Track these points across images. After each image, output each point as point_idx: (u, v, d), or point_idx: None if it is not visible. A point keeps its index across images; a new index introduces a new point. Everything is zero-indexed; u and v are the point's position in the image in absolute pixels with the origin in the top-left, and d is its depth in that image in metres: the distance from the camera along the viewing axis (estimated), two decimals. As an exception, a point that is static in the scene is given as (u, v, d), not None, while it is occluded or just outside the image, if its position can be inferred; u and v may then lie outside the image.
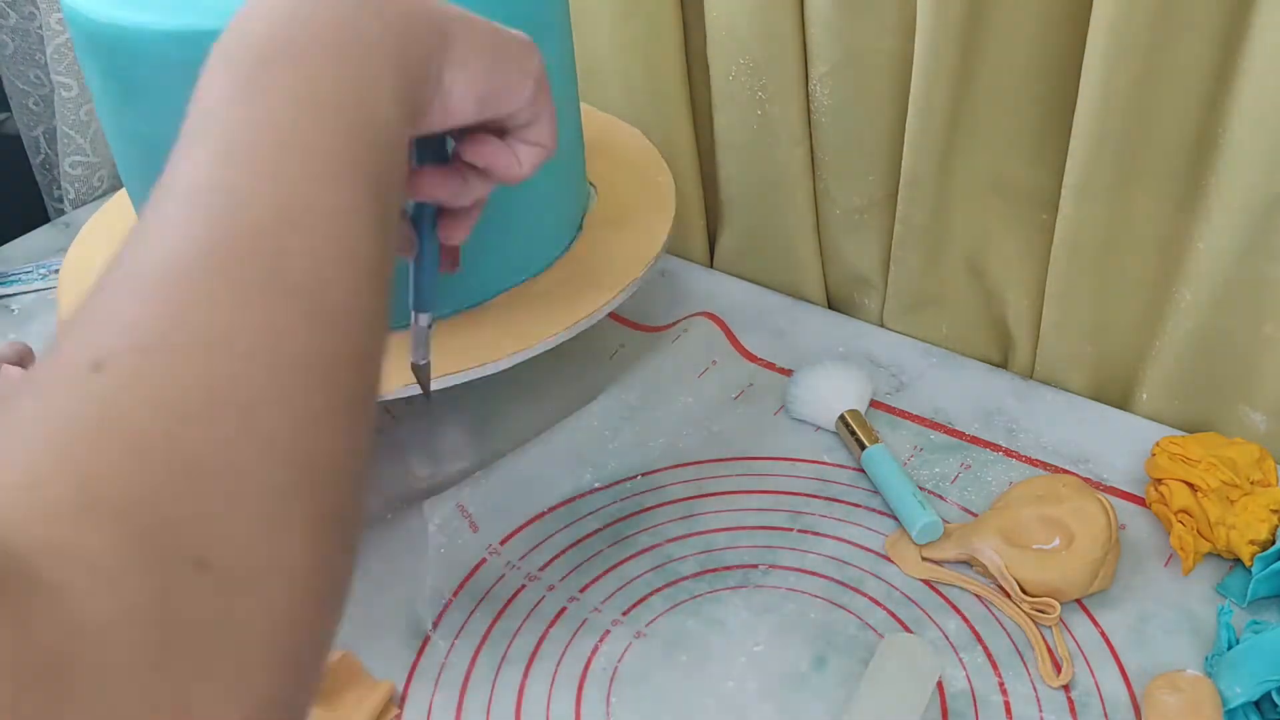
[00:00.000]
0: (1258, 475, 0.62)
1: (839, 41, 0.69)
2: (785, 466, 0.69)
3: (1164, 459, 0.63)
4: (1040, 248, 0.71)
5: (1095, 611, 0.59)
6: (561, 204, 0.67)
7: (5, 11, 1.05)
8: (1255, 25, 0.56)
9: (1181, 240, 0.65)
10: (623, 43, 0.79)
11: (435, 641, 0.60)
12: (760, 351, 0.78)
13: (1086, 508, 0.60)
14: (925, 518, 0.62)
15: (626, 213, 0.70)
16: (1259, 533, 0.59)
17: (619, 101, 0.81)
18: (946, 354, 0.78)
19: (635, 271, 0.64)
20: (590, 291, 0.63)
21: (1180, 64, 0.58)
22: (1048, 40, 0.64)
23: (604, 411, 0.71)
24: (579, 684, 0.58)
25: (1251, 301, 0.63)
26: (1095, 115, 0.60)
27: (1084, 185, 0.63)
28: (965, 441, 0.70)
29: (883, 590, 0.61)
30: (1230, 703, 0.53)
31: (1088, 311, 0.69)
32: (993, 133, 0.69)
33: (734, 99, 0.77)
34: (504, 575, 0.63)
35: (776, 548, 0.64)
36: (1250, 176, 0.59)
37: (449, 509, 0.65)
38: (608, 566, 0.63)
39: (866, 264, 0.79)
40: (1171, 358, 0.68)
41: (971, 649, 0.58)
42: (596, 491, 0.68)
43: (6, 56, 1.07)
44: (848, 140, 0.74)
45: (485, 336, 0.60)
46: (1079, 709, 0.55)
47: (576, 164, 0.68)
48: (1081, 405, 0.72)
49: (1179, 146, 0.62)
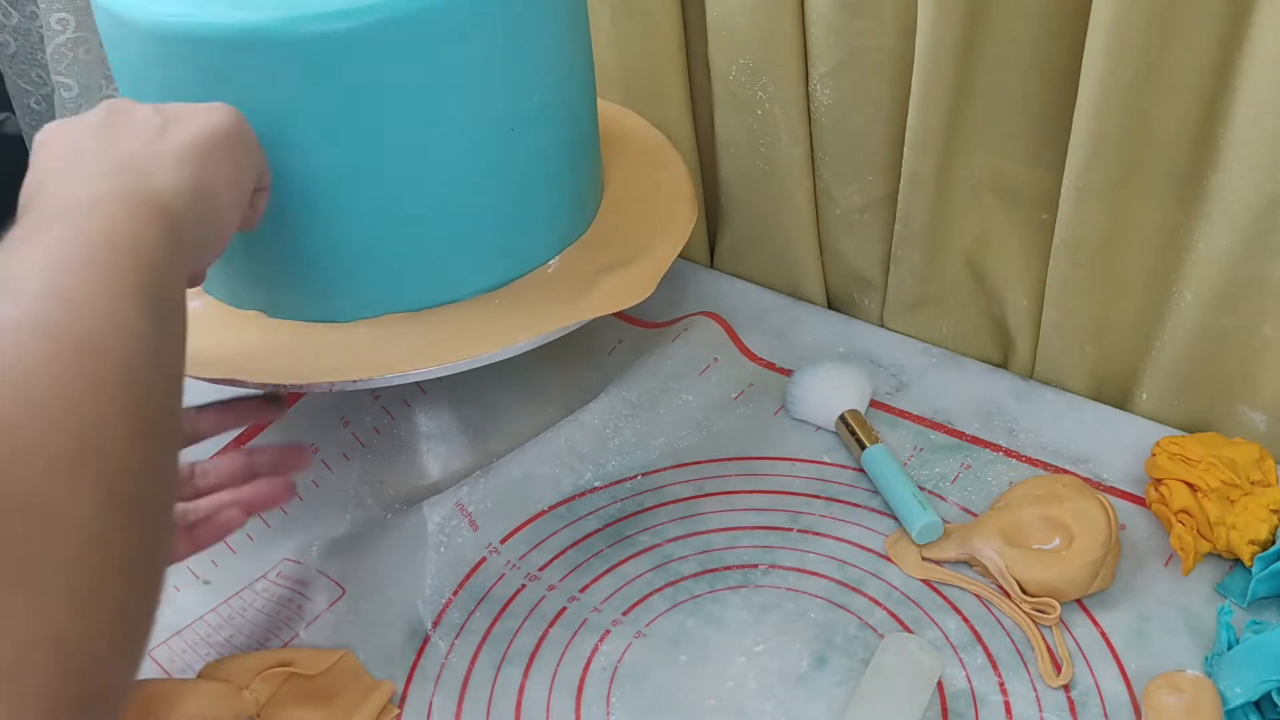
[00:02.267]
0: (1258, 475, 0.62)
1: (839, 41, 0.69)
2: (785, 466, 0.69)
3: (1164, 459, 0.63)
4: (1040, 247, 0.71)
5: (1095, 611, 0.59)
6: (586, 185, 0.67)
7: (7, 11, 1.05)
8: (1255, 25, 0.55)
9: (1181, 240, 0.65)
10: (623, 42, 0.79)
11: (435, 641, 0.60)
12: (760, 351, 0.78)
13: (1086, 508, 0.60)
14: (925, 518, 0.62)
15: (641, 200, 0.70)
16: (1259, 533, 0.59)
17: (619, 100, 0.81)
18: (946, 354, 0.78)
19: (669, 253, 0.65)
20: (624, 268, 0.64)
21: (1180, 64, 0.58)
22: (1047, 40, 0.64)
23: (605, 410, 0.71)
24: (579, 684, 0.58)
25: (1251, 301, 0.63)
26: (1095, 115, 0.60)
27: (1084, 185, 0.63)
28: (965, 441, 0.70)
29: (883, 590, 0.61)
30: (1230, 703, 0.53)
31: (1088, 311, 0.69)
32: (993, 133, 0.69)
33: (734, 99, 0.77)
34: (504, 575, 0.63)
35: (776, 548, 0.64)
36: (1250, 176, 0.59)
37: (448, 508, 0.65)
38: (608, 566, 0.63)
39: (866, 264, 0.79)
40: (1171, 358, 0.68)
41: (971, 649, 0.58)
42: (596, 491, 0.68)
43: (8, 56, 1.07)
44: (848, 140, 0.74)
45: (484, 327, 0.61)
46: (1079, 709, 0.55)
47: (592, 158, 0.69)
48: (1081, 405, 0.72)
49: (1179, 146, 0.62)
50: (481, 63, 0.56)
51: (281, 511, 0.67)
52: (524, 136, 0.60)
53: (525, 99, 0.59)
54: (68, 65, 0.97)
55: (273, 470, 0.58)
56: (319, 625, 0.61)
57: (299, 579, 0.63)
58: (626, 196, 0.71)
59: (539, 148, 0.61)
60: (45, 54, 0.98)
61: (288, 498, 0.58)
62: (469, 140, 0.58)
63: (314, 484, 0.69)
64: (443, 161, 0.58)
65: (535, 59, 0.59)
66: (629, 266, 0.65)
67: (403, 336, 0.60)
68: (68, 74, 0.97)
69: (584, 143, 0.67)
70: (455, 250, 0.61)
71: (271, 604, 0.62)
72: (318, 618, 0.61)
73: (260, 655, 0.57)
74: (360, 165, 0.56)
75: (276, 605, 0.62)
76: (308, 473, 0.68)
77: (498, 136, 0.59)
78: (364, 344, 0.60)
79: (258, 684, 0.55)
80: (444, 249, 0.61)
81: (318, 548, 0.65)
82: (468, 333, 0.60)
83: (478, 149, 0.58)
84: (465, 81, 0.56)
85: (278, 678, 0.56)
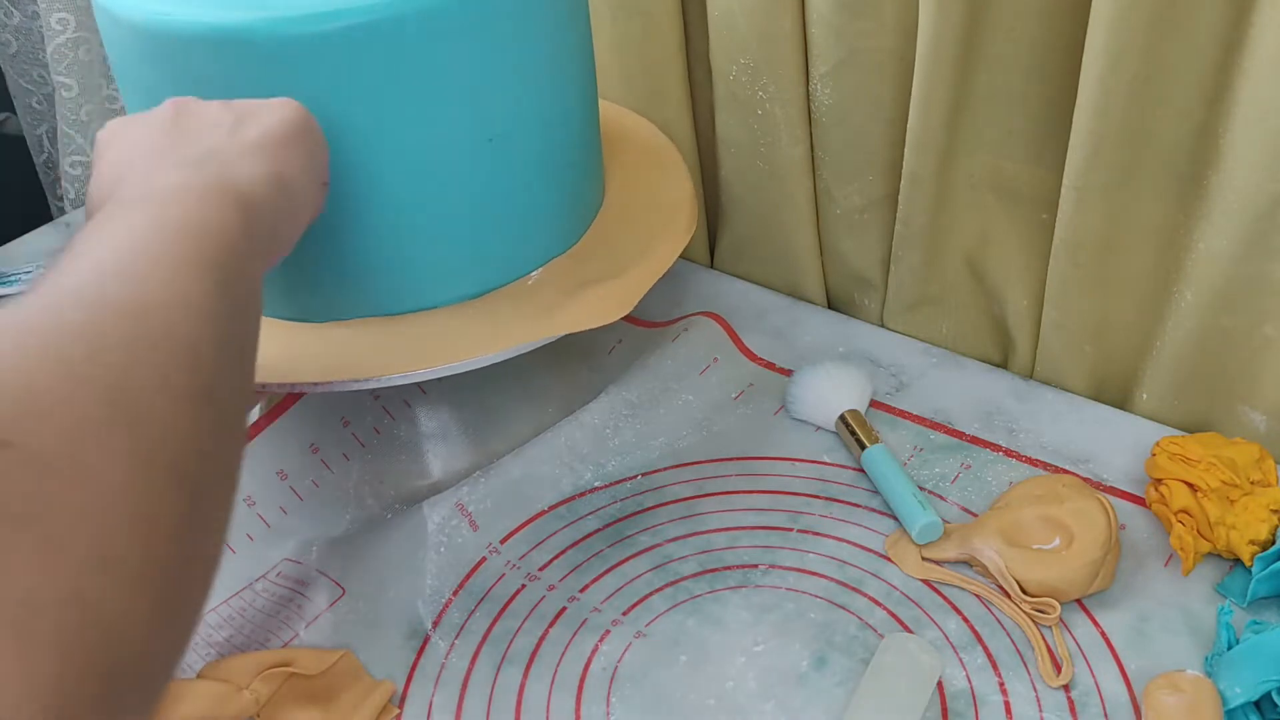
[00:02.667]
0: (1258, 475, 0.62)
1: (839, 41, 0.69)
2: (785, 466, 0.69)
3: (1164, 459, 0.63)
4: (1040, 247, 0.71)
5: (1095, 611, 0.59)
6: (577, 196, 0.67)
7: (9, 11, 1.05)
8: (1255, 25, 0.55)
9: (1181, 240, 0.65)
10: (623, 42, 0.79)
11: (435, 641, 0.60)
12: (760, 351, 0.78)
13: (1086, 508, 0.60)
14: (925, 518, 0.62)
15: (640, 211, 0.70)
16: (1259, 533, 0.59)
17: (619, 100, 0.81)
18: (946, 354, 0.78)
19: (656, 270, 0.64)
20: (606, 284, 0.63)
21: (1180, 63, 0.58)
22: (1048, 40, 0.64)
23: (604, 409, 0.71)
24: (579, 684, 0.58)
25: (1251, 301, 0.63)
26: (1095, 114, 0.60)
27: (1084, 185, 0.63)
28: (965, 441, 0.70)
29: (883, 590, 0.61)
30: (1230, 703, 0.53)
31: (1088, 311, 0.69)
32: (993, 132, 0.69)
33: (734, 99, 0.77)
34: (504, 575, 0.63)
35: (776, 548, 0.64)
36: (1250, 176, 0.59)
37: (448, 507, 0.65)
38: (608, 566, 0.63)
39: (866, 264, 0.79)
40: (1171, 358, 0.68)
41: (971, 649, 0.58)
42: (596, 490, 0.68)
43: (10, 56, 1.07)
44: (848, 140, 0.74)
45: (487, 328, 0.61)
46: (1079, 709, 0.55)
47: (587, 169, 0.68)
48: (1081, 405, 0.72)
49: (1179, 146, 0.62)
50: (466, 70, 0.56)
51: (281, 511, 0.67)
52: (506, 146, 0.59)
53: (509, 109, 0.58)
54: (68, 65, 0.97)
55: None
56: (319, 625, 0.61)
57: (299, 579, 0.63)
58: (627, 204, 0.71)
59: (524, 158, 0.61)
60: (46, 54, 0.98)
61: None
62: (452, 146, 0.57)
63: (314, 484, 0.69)
64: (426, 166, 0.57)
65: (523, 69, 0.59)
66: (611, 281, 0.63)
67: (369, 339, 0.60)
68: (68, 74, 0.97)
69: (575, 155, 0.66)
70: (435, 256, 0.61)
71: (271, 604, 0.62)
72: (318, 618, 0.61)
73: (260, 655, 0.57)
74: (349, 166, 0.56)
75: (276, 605, 0.62)
76: (308, 473, 0.68)
77: (479, 145, 0.58)
78: (337, 346, 0.60)
79: (257, 684, 0.55)
80: (421, 255, 0.60)
81: (318, 548, 0.65)
82: (427, 341, 0.60)
83: (459, 156, 0.58)
84: (449, 87, 0.56)
85: (277, 678, 0.56)
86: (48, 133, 1.11)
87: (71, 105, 0.98)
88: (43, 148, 1.12)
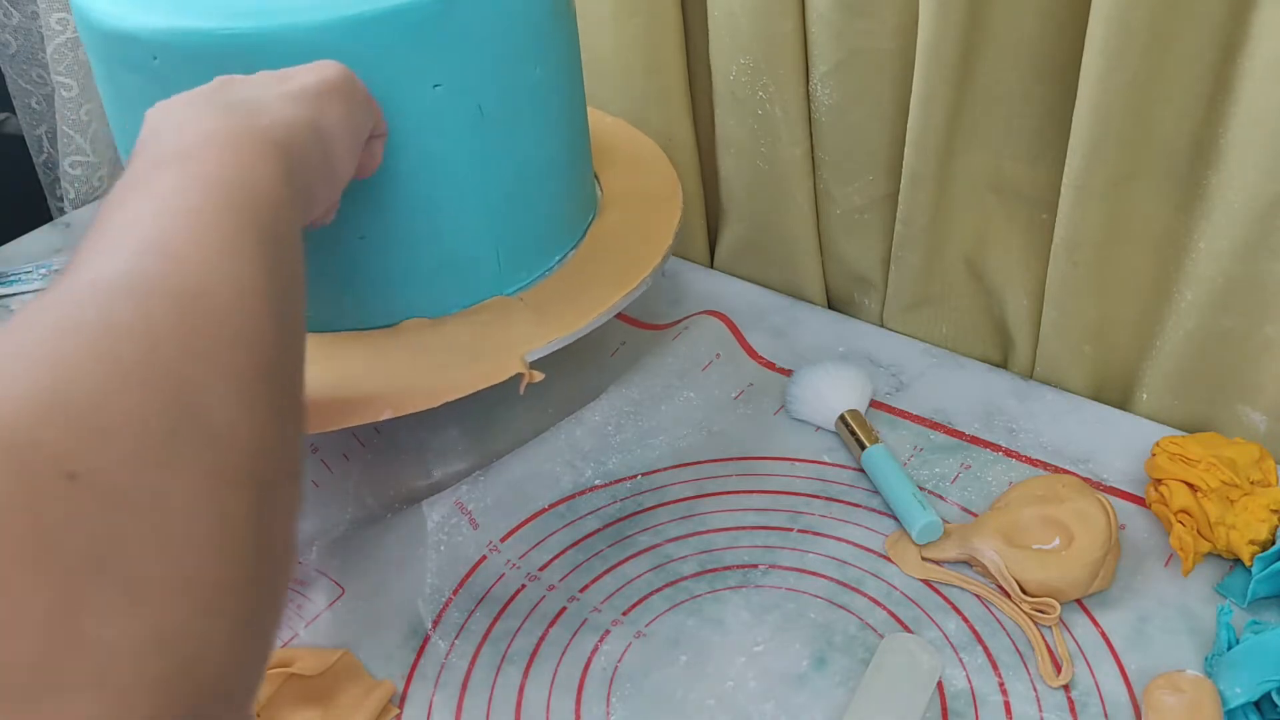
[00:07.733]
0: (1258, 475, 0.62)
1: (840, 41, 0.69)
2: (785, 466, 0.69)
3: (1164, 459, 0.63)
4: (1040, 247, 0.71)
5: (1095, 611, 0.59)
6: (569, 204, 0.67)
7: (8, 11, 1.05)
8: (1255, 25, 0.56)
9: (1181, 240, 0.65)
10: (623, 42, 0.79)
11: (435, 641, 0.60)
12: (760, 351, 0.78)
13: (1086, 508, 0.60)
14: (925, 518, 0.62)
15: (633, 215, 0.70)
16: (1259, 533, 0.59)
17: (619, 101, 0.81)
18: (946, 354, 0.78)
19: (641, 273, 0.64)
20: (597, 292, 0.63)
21: (1180, 64, 0.58)
22: (1048, 40, 0.64)
23: (606, 407, 0.71)
24: (579, 684, 0.58)
25: (1251, 301, 0.63)
26: (1095, 115, 0.60)
27: (1084, 185, 0.63)
28: (965, 441, 0.70)
29: (883, 590, 0.61)
30: (1230, 703, 0.53)
31: (1088, 311, 0.69)
32: (993, 133, 0.69)
33: (734, 98, 0.77)
34: (504, 574, 0.63)
35: (776, 548, 0.64)
36: (1250, 176, 0.59)
37: (448, 506, 0.65)
38: (608, 566, 0.63)
39: (866, 264, 0.79)
40: (1171, 358, 0.68)
41: (971, 649, 0.58)
42: (596, 489, 0.68)
43: (9, 56, 1.07)
44: (848, 140, 0.74)
45: (480, 350, 0.60)
46: (1079, 709, 0.55)
47: (584, 165, 0.68)
48: (1081, 405, 0.72)
49: (1179, 146, 0.62)
50: (439, 76, 0.55)
51: (281, 511, 0.67)
52: (498, 152, 0.59)
53: (493, 111, 0.58)
54: (68, 65, 0.97)
55: None
56: (318, 625, 0.61)
57: (299, 579, 0.63)
58: (624, 204, 0.71)
59: (520, 163, 0.60)
60: (45, 54, 0.98)
61: None
62: (428, 157, 0.57)
63: (314, 484, 0.69)
64: (397, 177, 0.57)
65: (510, 69, 0.58)
66: (602, 289, 0.63)
67: (361, 361, 0.60)
68: (68, 74, 0.97)
69: (571, 160, 0.65)
70: (426, 267, 0.60)
71: (271, 604, 0.62)
72: (317, 617, 0.61)
73: (260, 655, 0.57)
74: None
75: (276, 605, 0.62)
76: (308, 473, 0.68)
77: (460, 156, 0.58)
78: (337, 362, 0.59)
79: (257, 684, 0.55)
80: (412, 266, 0.60)
81: (318, 547, 0.65)
82: (426, 374, 0.58)
83: (436, 169, 0.57)
84: (425, 92, 0.55)
85: (277, 678, 0.56)
86: (47, 133, 1.11)
87: (71, 105, 0.98)
88: (42, 148, 1.12)
